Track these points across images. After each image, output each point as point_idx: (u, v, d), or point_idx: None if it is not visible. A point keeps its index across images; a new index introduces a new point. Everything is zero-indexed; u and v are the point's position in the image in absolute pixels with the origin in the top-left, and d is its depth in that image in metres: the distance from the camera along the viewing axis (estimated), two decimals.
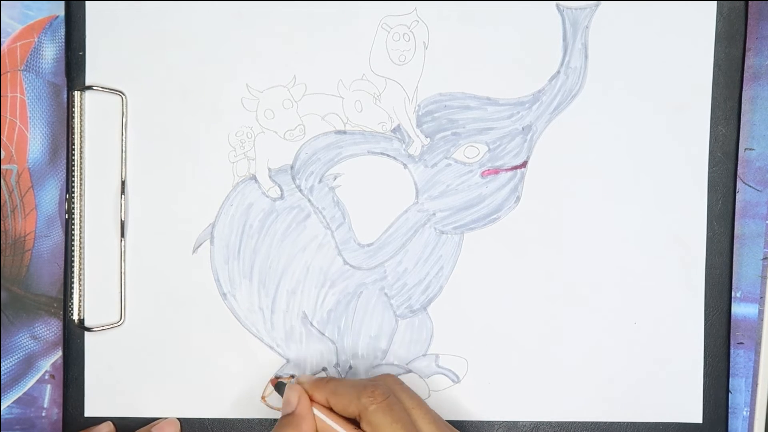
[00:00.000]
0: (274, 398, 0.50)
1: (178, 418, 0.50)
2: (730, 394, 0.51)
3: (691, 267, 0.50)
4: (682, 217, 0.50)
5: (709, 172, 0.50)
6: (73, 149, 0.49)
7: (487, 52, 0.50)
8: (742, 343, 0.51)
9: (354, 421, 0.44)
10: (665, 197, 0.50)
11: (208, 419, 0.50)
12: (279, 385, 0.48)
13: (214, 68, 0.49)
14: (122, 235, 0.50)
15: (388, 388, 0.44)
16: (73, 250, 0.49)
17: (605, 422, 0.50)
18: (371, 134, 0.50)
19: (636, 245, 0.50)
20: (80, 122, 0.49)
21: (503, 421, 0.50)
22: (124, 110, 0.49)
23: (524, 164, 0.50)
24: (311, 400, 0.45)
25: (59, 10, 0.50)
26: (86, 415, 0.50)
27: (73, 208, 0.49)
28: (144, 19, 0.49)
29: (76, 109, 0.49)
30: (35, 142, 0.51)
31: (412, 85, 0.50)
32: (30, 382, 0.51)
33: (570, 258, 0.50)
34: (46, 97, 0.50)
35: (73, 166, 0.49)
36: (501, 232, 0.50)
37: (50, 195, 0.51)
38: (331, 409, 0.44)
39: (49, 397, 0.51)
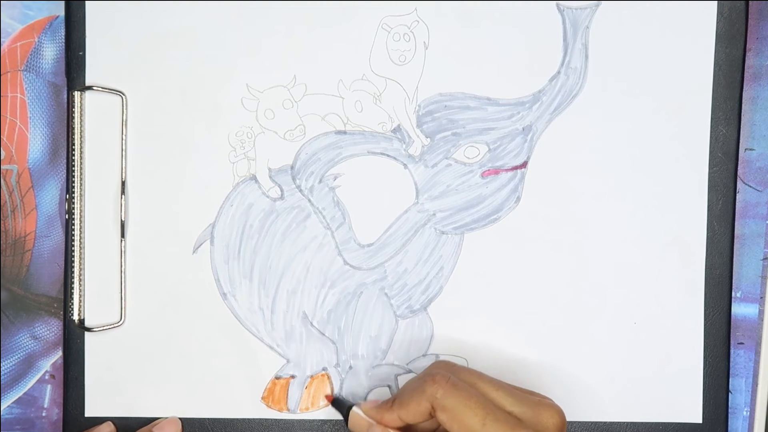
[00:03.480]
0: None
1: (179, 418, 0.50)
2: (730, 394, 0.51)
3: (691, 267, 0.50)
4: (682, 217, 0.50)
5: (709, 172, 0.50)
6: (73, 149, 0.49)
7: (487, 52, 0.50)
8: (742, 343, 0.51)
9: None
10: (665, 197, 0.50)
11: (208, 419, 0.50)
12: (337, 402, 0.49)
13: (214, 68, 0.49)
14: (122, 235, 0.50)
15: (446, 371, 0.44)
16: (73, 250, 0.49)
17: (605, 422, 0.50)
18: (371, 134, 0.50)
19: (636, 245, 0.50)
20: (80, 122, 0.49)
21: None
22: (124, 110, 0.49)
23: (524, 164, 0.50)
24: (382, 424, 0.45)
25: (59, 10, 0.50)
26: (86, 415, 0.50)
27: (73, 208, 0.49)
28: (144, 19, 0.49)
29: (76, 109, 0.49)
30: (35, 142, 0.51)
31: (412, 85, 0.50)
32: (30, 382, 0.51)
33: (570, 258, 0.50)
34: (46, 97, 0.50)
35: (73, 166, 0.49)
36: (501, 233, 0.50)
37: (50, 195, 0.51)
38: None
39: (49, 397, 0.51)
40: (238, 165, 0.50)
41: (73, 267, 0.49)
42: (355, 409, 0.46)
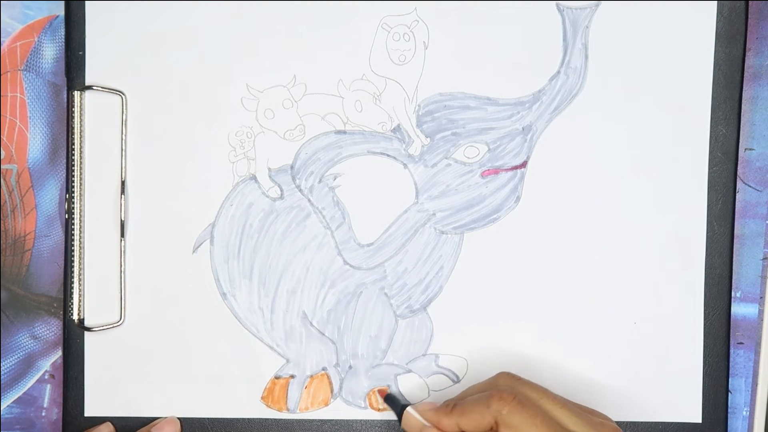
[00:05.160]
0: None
1: (178, 418, 0.50)
2: (730, 394, 0.51)
3: (691, 267, 0.50)
4: (682, 217, 0.50)
5: (709, 172, 0.50)
6: (73, 149, 0.49)
7: (487, 52, 0.50)
8: (742, 343, 0.51)
9: None
10: (665, 197, 0.50)
11: (208, 419, 0.50)
12: (390, 399, 0.49)
13: (214, 68, 0.49)
14: (122, 235, 0.50)
15: (511, 387, 0.44)
16: (73, 250, 0.49)
17: None
18: (371, 134, 0.50)
19: (636, 245, 0.50)
20: (80, 122, 0.49)
21: None
22: (124, 110, 0.49)
23: (524, 164, 0.50)
24: (438, 428, 0.45)
25: (59, 10, 0.50)
26: (86, 414, 0.50)
27: (73, 208, 0.49)
28: (144, 19, 0.49)
29: (76, 109, 0.49)
30: (35, 142, 0.51)
31: (412, 85, 0.50)
32: (30, 382, 0.51)
33: (570, 258, 0.50)
34: (46, 97, 0.50)
35: (73, 166, 0.49)
36: (501, 232, 0.50)
37: (50, 195, 0.51)
38: None
39: (49, 397, 0.51)
40: (238, 165, 0.50)
41: (72, 267, 0.49)
42: (410, 409, 0.46)
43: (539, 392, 0.44)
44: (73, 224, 0.49)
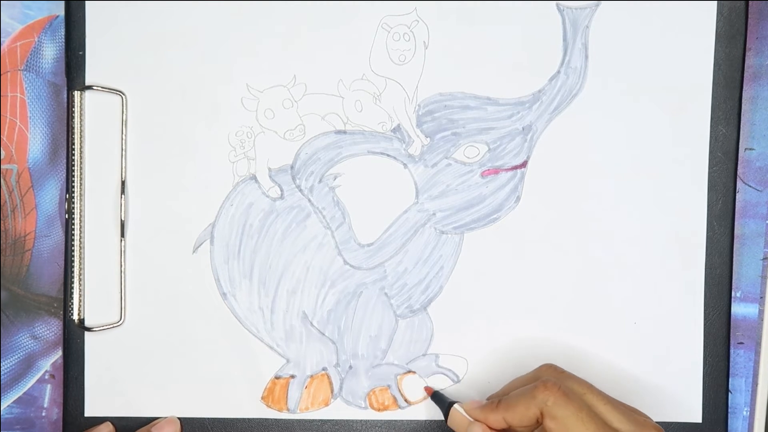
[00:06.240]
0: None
1: (178, 418, 0.50)
2: (730, 393, 0.51)
3: (691, 267, 0.50)
4: (682, 217, 0.50)
5: (709, 172, 0.50)
6: (73, 149, 0.49)
7: (487, 52, 0.50)
8: (742, 343, 0.51)
9: None
10: (665, 197, 0.50)
11: (208, 419, 0.50)
12: (437, 397, 0.49)
13: (214, 68, 0.49)
14: (122, 235, 0.50)
15: (556, 379, 0.44)
16: (73, 250, 0.49)
17: None
18: (371, 134, 0.50)
19: (636, 245, 0.50)
20: (80, 122, 0.49)
21: None
22: (124, 110, 0.49)
23: (524, 164, 0.50)
24: (485, 424, 0.44)
25: (59, 10, 0.50)
26: (86, 414, 0.50)
27: (73, 208, 0.49)
28: (144, 19, 0.49)
29: (76, 109, 0.49)
30: (35, 141, 0.51)
31: (412, 85, 0.50)
32: (30, 382, 0.51)
33: (569, 258, 0.50)
34: (46, 97, 0.50)
35: (73, 166, 0.49)
36: (501, 232, 0.50)
37: (50, 195, 0.51)
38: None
39: (49, 397, 0.51)
40: (238, 165, 0.50)
41: (73, 267, 0.49)
42: (456, 406, 0.46)
43: (584, 386, 0.44)
44: (73, 224, 0.49)
